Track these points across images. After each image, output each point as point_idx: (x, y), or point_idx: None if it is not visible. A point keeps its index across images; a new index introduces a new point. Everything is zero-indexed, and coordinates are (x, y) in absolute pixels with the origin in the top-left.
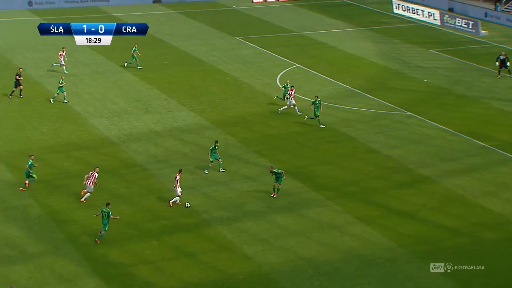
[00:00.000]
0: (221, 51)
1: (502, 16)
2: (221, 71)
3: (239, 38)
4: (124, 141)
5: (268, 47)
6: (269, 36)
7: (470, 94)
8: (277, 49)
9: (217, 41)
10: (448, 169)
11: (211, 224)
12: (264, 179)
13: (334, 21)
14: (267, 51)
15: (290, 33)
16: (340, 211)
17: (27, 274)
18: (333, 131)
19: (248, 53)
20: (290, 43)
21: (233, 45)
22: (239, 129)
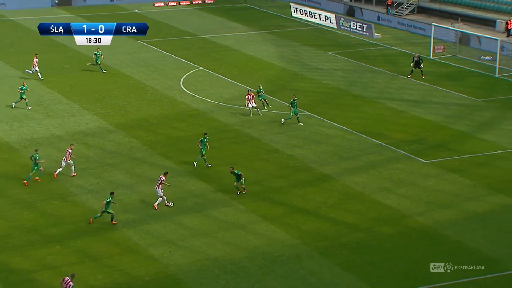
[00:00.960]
0: (124, 54)
1: (394, 20)
2: (123, 74)
3: (141, 41)
4: (25, 146)
5: (170, 50)
6: (172, 39)
7: (366, 95)
8: (180, 52)
9: (119, 44)
10: (347, 167)
11: (117, 228)
12: (171, 181)
13: (236, 24)
14: (170, 54)
15: (193, 37)
16: (244, 211)
17: None
18: (236, 132)
19: (150, 56)
20: (192, 46)
21: (135, 48)
22: (143, 132)
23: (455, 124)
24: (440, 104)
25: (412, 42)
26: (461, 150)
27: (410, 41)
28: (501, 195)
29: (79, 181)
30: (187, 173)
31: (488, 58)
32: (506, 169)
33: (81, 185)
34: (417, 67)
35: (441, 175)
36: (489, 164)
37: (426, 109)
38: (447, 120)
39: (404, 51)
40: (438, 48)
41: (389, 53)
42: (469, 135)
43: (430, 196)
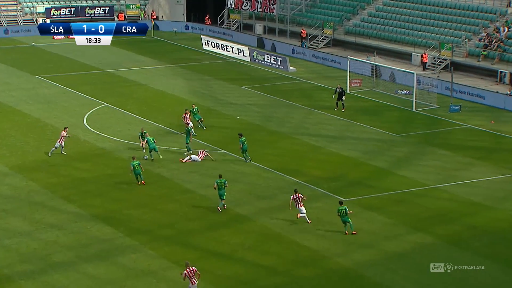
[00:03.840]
0: (20, 90)
1: (309, 53)
2: (21, 112)
3: (40, 76)
4: None
5: (72, 85)
6: (74, 74)
7: (282, 130)
8: (83, 88)
9: (15, 80)
10: (264, 206)
11: (13, 280)
12: (72, 227)
13: (143, 57)
14: (72, 90)
15: (96, 71)
16: (155, 256)
17: None
18: (146, 172)
19: (50, 92)
20: (96, 81)
21: (33, 84)
22: (43, 174)
23: (373, 160)
24: (358, 140)
25: (328, 76)
26: (380, 187)
27: (326, 74)
28: (420, 233)
29: None
30: (92, 217)
31: (404, 92)
32: (425, 207)
33: None
34: (340, 99)
35: (360, 213)
36: (408, 201)
37: (344, 144)
38: (365, 156)
39: (320, 84)
40: (355, 82)
41: (305, 87)
42: (387, 171)
43: (349, 236)
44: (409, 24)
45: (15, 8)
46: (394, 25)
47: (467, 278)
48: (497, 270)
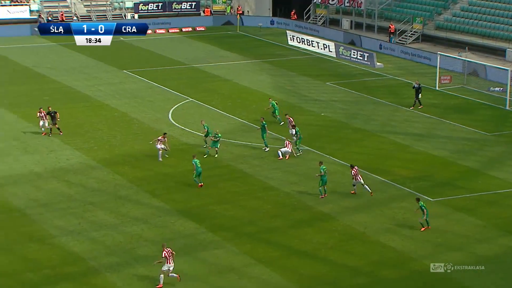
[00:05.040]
0: (108, 85)
1: (397, 48)
2: (108, 106)
3: (127, 71)
4: (1, 184)
5: (158, 80)
6: (160, 69)
7: (367, 128)
8: (169, 83)
9: (104, 74)
10: (348, 205)
11: (100, 272)
12: (156, 221)
13: (228, 53)
14: (158, 85)
15: (182, 66)
16: (238, 253)
17: None
18: (229, 168)
19: (137, 87)
20: (182, 76)
21: (120, 78)
22: (129, 168)
23: (463, 160)
24: (447, 138)
25: (416, 72)
26: (470, 188)
27: (414, 70)
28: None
29: (59, 222)
30: (176, 212)
31: (498, 89)
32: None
33: (61, 226)
34: (416, 95)
35: (449, 214)
36: (500, 203)
37: (432, 143)
38: (454, 156)
39: (408, 81)
40: (445, 78)
41: (392, 83)
42: (478, 171)
43: (438, 237)
44: (503, 19)
45: (105, 3)
46: (488, 20)
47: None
48: None
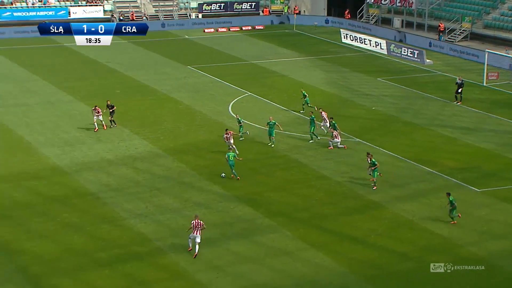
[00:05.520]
0: (174, 80)
1: (446, 46)
2: (173, 99)
3: (191, 67)
4: (76, 170)
5: (220, 75)
6: (221, 65)
7: (416, 121)
8: (229, 78)
9: (170, 70)
10: (397, 194)
11: (165, 252)
12: (217, 206)
13: (285, 50)
14: (219, 80)
15: (242, 62)
16: (292, 237)
17: None
18: (284, 158)
19: (200, 82)
20: (241, 72)
21: (185, 74)
22: (192, 157)
23: (509, 153)
24: (494, 132)
25: (464, 69)
26: None
27: (462, 67)
28: None
29: (128, 206)
30: (235, 198)
31: None
32: None
33: (130, 209)
34: (457, 91)
35: (494, 204)
36: None
37: (478, 136)
38: (500, 148)
39: (456, 77)
40: (492, 75)
41: (441, 79)
42: None
43: (483, 226)
44: None
45: (172, 3)
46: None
47: None
48: None
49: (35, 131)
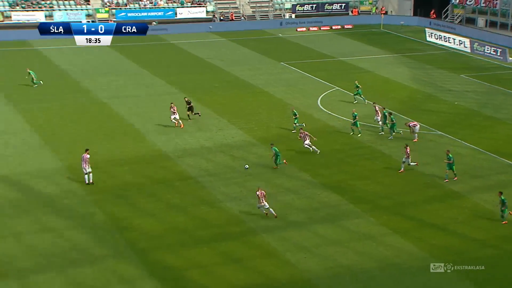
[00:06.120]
0: (268, 75)
1: None
2: (267, 93)
3: (284, 63)
4: (179, 156)
5: (310, 71)
6: (312, 61)
7: (498, 116)
8: (319, 73)
9: (264, 66)
10: (477, 185)
11: (257, 233)
12: (305, 192)
13: (372, 48)
14: (309, 75)
15: (331, 59)
16: (375, 223)
17: (92, 275)
18: (369, 148)
19: (292, 77)
20: (330, 68)
21: (278, 69)
22: (283, 146)
23: None
24: None
25: None
26: None
27: None
28: None
29: (225, 189)
30: (321, 185)
31: None
32: None
33: (227, 192)
34: None
35: None
36: None
37: None
38: None
39: None
40: None
41: None
42: None
43: None
44: None
45: (268, 4)
46: None
47: None
48: None
49: (144, 120)
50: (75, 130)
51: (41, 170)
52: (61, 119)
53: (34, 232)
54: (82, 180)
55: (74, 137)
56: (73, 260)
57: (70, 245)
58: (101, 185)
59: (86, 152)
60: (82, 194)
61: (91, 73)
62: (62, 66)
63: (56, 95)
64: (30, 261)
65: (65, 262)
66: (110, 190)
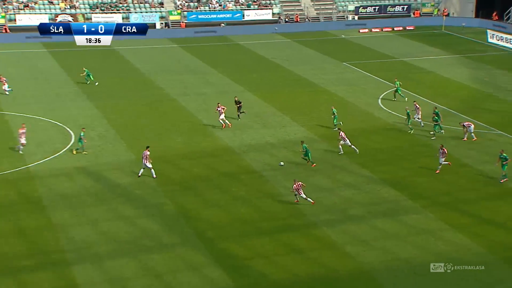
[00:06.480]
0: (330, 74)
1: None
2: (329, 92)
3: (346, 63)
4: (244, 151)
5: (372, 71)
6: (373, 62)
7: None
8: (380, 73)
9: (327, 65)
10: None
11: (318, 226)
12: (365, 188)
13: (433, 49)
14: (370, 75)
15: (393, 59)
16: (434, 219)
17: (161, 261)
18: (429, 146)
19: (353, 77)
20: (392, 68)
21: (340, 69)
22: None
23: None
24: None
25: None
26: None
27: None
28: None
29: (288, 183)
30: (381, 181)
31: None
32: None
33: (289, 187)
34: None
35: None
36: None
37: None
38: None
39: None
40: None
41: None
42: None
43: None
44: None
45: (331, 6)
46: None
47: None
48: None
49: (211, 116)
50: (147, 125)
51: (116, 162)
52: (135, 115)
53: (110, 220)
54: (155, 172)
55: (146, 132)
56: (144, 246)
57: (142, 233)
58: (171, 177)
59: (147, 149)
60: (153, 186)
61: (164, 71)
62: (137, 65)
63: (131, 92)
64: (105, 247)
65: (137, 248)
66: (179, 182)
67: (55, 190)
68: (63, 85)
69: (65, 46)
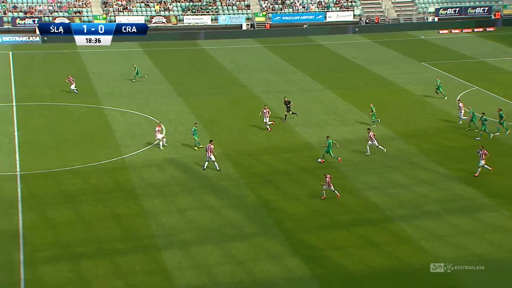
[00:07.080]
0: (408, 74)
1: None
2: (407, 91)
3: (425, 63)
4: (323, 146)
5: (450, 71)
6: (452, 62)
7: None
8: (459, 73)
9: (406, 65)
10: None
11: (394, 220)
12: (440, 185)
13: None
14: (449, 75)
15: (472, 60)
16: (510, 217)
17: (243, 250)
18: (507, 145)
19: (432, 76)
20: (470, 68)
21: (419, 69)
22: (421, 140)
23: None
24: None
25: None
26: None
27: None
28: None
29: (364, 179)
30: (457, 179)
31: None
32: None
33: (366, 182)
34: None
35: None
36: None
37: None
38: None
39: None
40: None
41: None
42: None
43: None
44: None
45: (411, 8)
46: None
47: None
48: None
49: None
50: (232, 120)
51: (201, 155)
52: (220, 110)
53: (196, 209)
54: (236, 165)
55: (231, 126)
56: (227, 235)
57: (225, 222)
58: (253, 171)
59: (211, 143)
60: (236, 178)
61: (249, 70)
62: (224, 64)
63: (217, 89)
64: (191, 234)
65: (221, 237)
66: (261, 175)
67: (147, 179)
68: (157, 82)
69: (160, 46)
